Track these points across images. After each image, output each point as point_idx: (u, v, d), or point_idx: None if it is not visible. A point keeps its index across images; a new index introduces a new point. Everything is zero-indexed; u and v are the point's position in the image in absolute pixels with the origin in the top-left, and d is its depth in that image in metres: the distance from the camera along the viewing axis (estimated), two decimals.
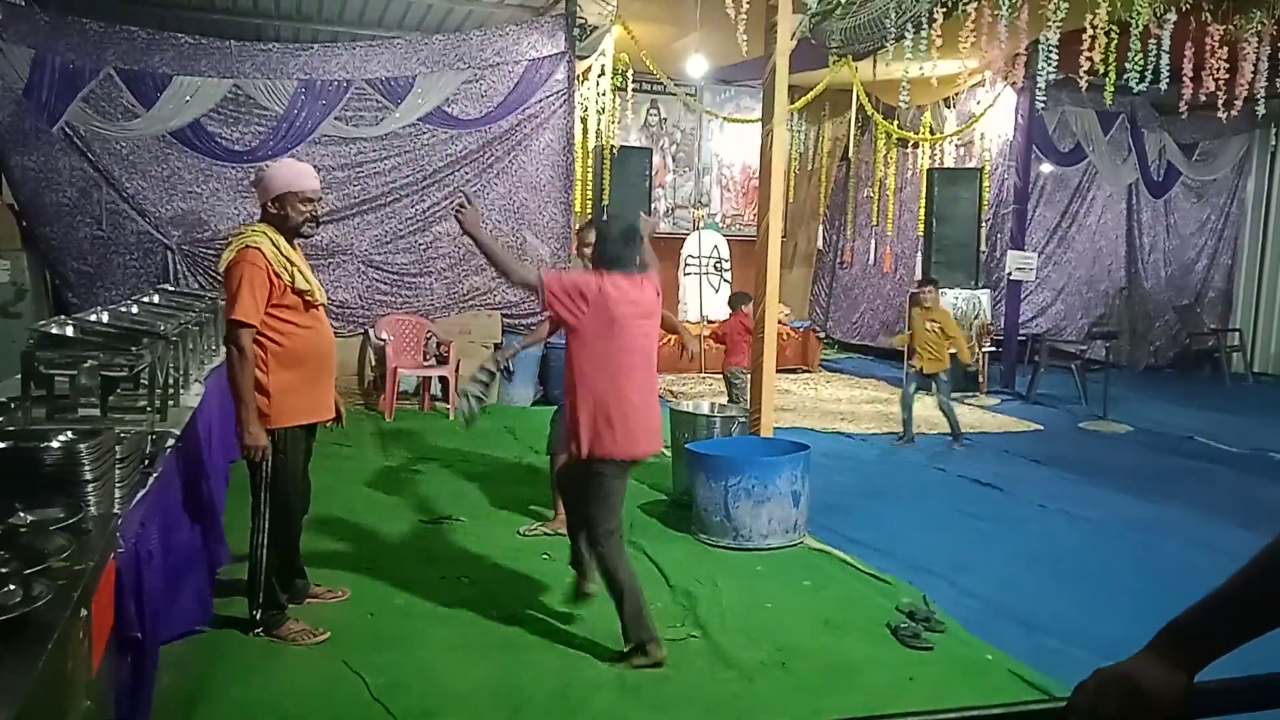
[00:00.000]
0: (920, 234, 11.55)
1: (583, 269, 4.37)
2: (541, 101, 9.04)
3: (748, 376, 6.46)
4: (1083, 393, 9.78)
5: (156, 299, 5.57)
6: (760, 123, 5.94)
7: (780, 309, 10.28)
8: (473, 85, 8.88)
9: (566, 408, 3.76)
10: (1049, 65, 7.46)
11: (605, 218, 8.25)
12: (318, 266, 7.35)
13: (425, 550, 4.85)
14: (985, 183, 11.20)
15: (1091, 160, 12.31)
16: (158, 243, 8.30)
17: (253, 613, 3.70)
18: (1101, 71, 7.45)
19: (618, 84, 9.86)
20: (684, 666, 3.63)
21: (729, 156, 13.40)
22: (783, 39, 5.70)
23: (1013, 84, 10.07)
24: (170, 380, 3.92)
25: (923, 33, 7.77)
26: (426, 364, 8.68)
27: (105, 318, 4.28)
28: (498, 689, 3.39)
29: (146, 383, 3.63)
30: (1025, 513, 5.99)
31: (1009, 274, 10.70)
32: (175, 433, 3.47)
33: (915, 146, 12.46)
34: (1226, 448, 8.00)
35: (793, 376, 11.12)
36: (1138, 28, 7.21)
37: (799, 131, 13.31)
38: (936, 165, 11.91)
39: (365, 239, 8.80)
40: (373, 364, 8.73)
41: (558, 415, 4.79)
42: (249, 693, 3.29)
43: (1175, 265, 13.08)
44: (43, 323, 3.83)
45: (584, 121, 9.82)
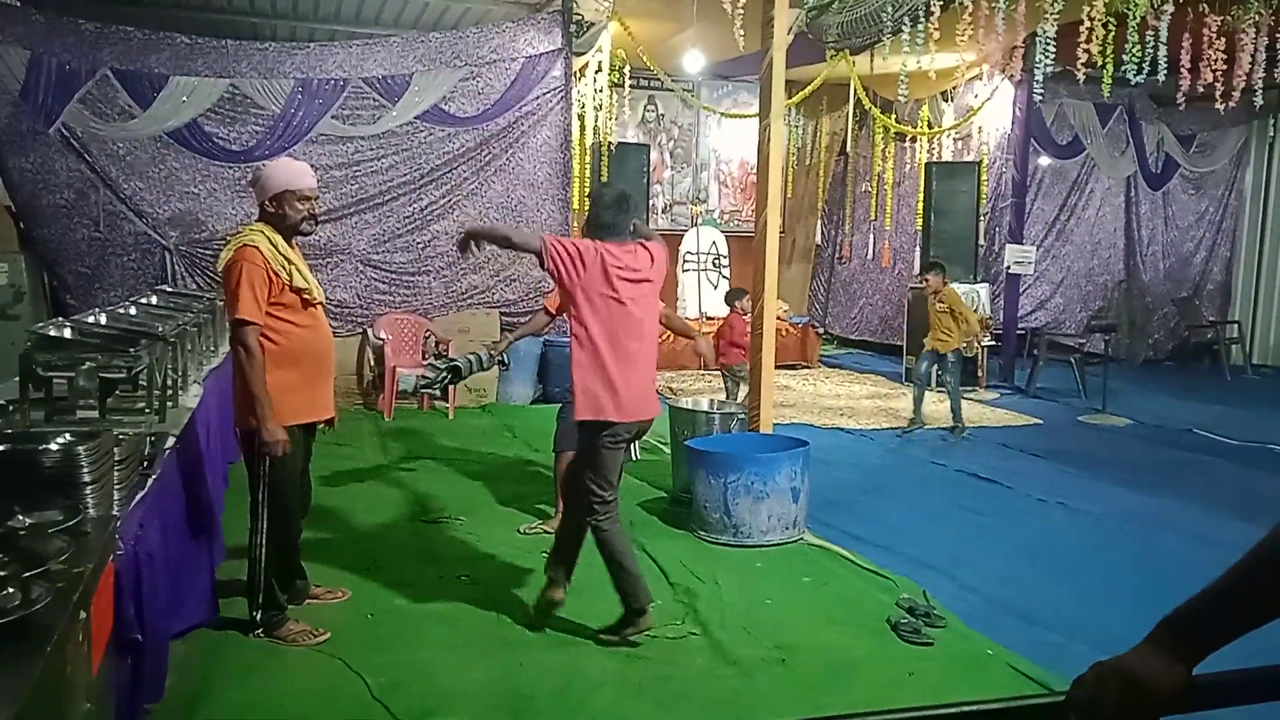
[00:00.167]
0: (919, 228, 11.55)
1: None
2: (538, 98, 9.03)
3: (745, 373, 6.46)
4: (1082, 386, 9.78)
5: (154, 300, 5.57)
6: (757, 118, 5.93)
7: (779, 305, 10.27)
8: (469, 83, 8.88)
9: (571, 377, 3.78)
10: (1047, 58, 7.46)
11: (601, 184, 8.22)
12: (316, 266, 7.35)
13: (425, 550, 4.85)
14: (983, 176, 11.20)
15: (1090, 153, 12.29)
16: (155, 243, 8.30)
17: (253, 614, 3.70)
18: (1099, 64, 7.46)
19: (615, 80, 9.86)
20: (684, 664, 3.63)
21: (727, 152, 13.38)
22: (779, 33, 5.69)
23: (1010, 77, 10.06)
24: (169, 382, 3.92)
25: (920, 26, 7.77)
26: (425, 363, 8.66)
27: (103, 319, 4.27)
28: (498, 688, 3.39)
29: (145, 384, 3.63)
30: (1025, 507, 5.99)
31: (1007, 268, 10.69)
32: (174, 434, 3.47)
33: (913, 141, 12.44)
34: (1226, 440, 8.00)
35: (792, 372, 11.11)
36: (1135, 19, 7.21)
37: (797, 126, 13.30)
38: (934, 159, 11.90)
39: (363, 238, 8.79)
40: (371, 363, 8.73)
41: (564, 411, 4.79)
42: (249, 693, 3.30)
43: (1174, 257, 13.06)
44: (41, 325, 3.84)
45: (581, 118, 9.82)
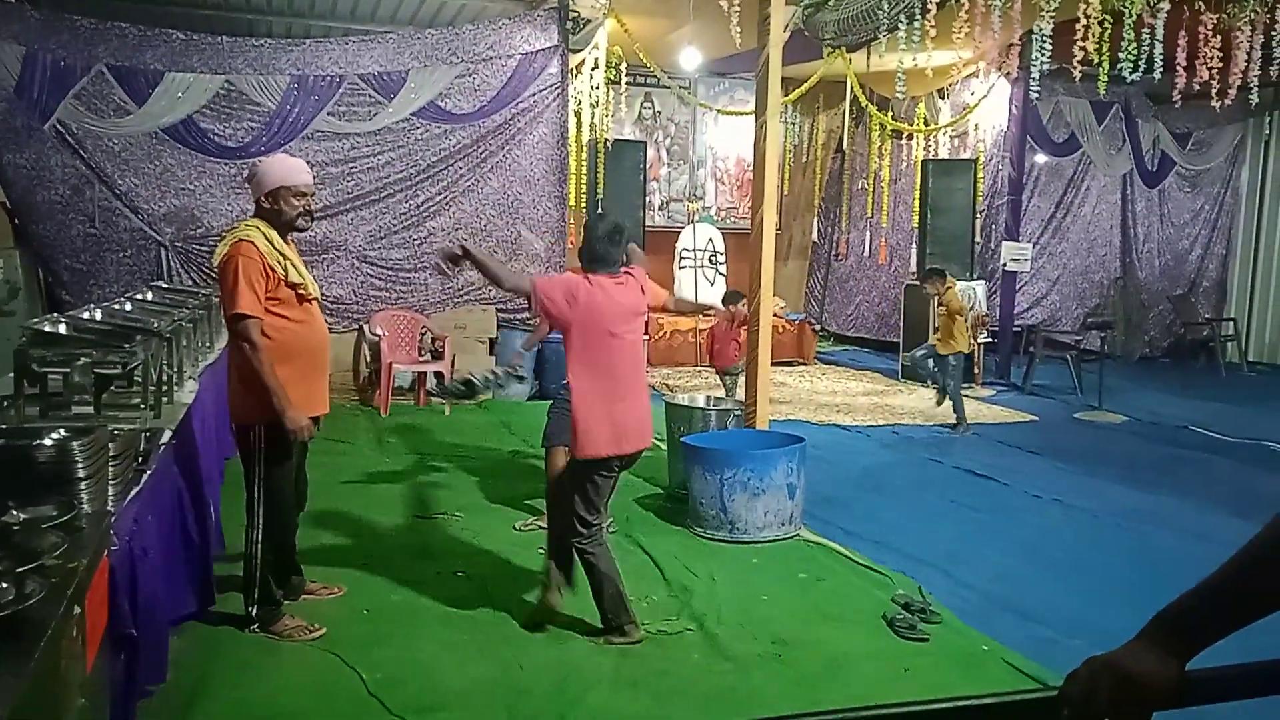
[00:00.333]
0: (915, 226, 11.54)
1: (572, 271, 4.39)
2: (535, 95, 9.02)
3: (742, 374, 6.46)
4: (1078, 383, 9.79)
5: (150, 296, 5.55)
6: (754, 115, 5.93)
7: (775, 302, 10.27)
8: (466, 79, 8.87)
9: (574, 411, 3.75)
10: (1043, 55, 7.45)
11: (595, 214, 8.26)
12: (311, 262, 7.36)
13: (421, 546, 4.85)
14: (980, 174, 11.20)
15: (1086, 150, 12.31)
16: (151, 240, 8.29)
17: (248, 609, 3.70)
18: (1095, 61, 7.45)
19: (611, 77, 9.85)
20: (680, 659, 3.64)
21: (723, 149, 13.38)
22: (776, 31, 5.69)
23: (1007, 74, 10.04)
24: (164, 377, 3.91)
25: (916, 24, 7.76)
26: (421, 359, 8.67)
27: (98, 315, 4.26)
28: (495, 683, 3.39)
29: (140, 380, 3.62)
30: (1020, 503, 6.00)
31: (1004, 265, 10.70)
32: (169, 430, 3.46)
33: (910, 138, 12.44)
34: (1221, 437, 8.01)
35: (788, 369, 11.11)
36: (1131, 17, 7.20)
37: (793, 124, 13.30)
38: (931, 157, 11.89)
39: (359, 234, 8.79)
40: (368, 360, 8.72)
41: (555, 407, 4.79)
42: (245, 688, 3.30)
43: (1170, 255, 13.08)
44: (36, 320, 3.82)
45: (578, 115, 9.80)
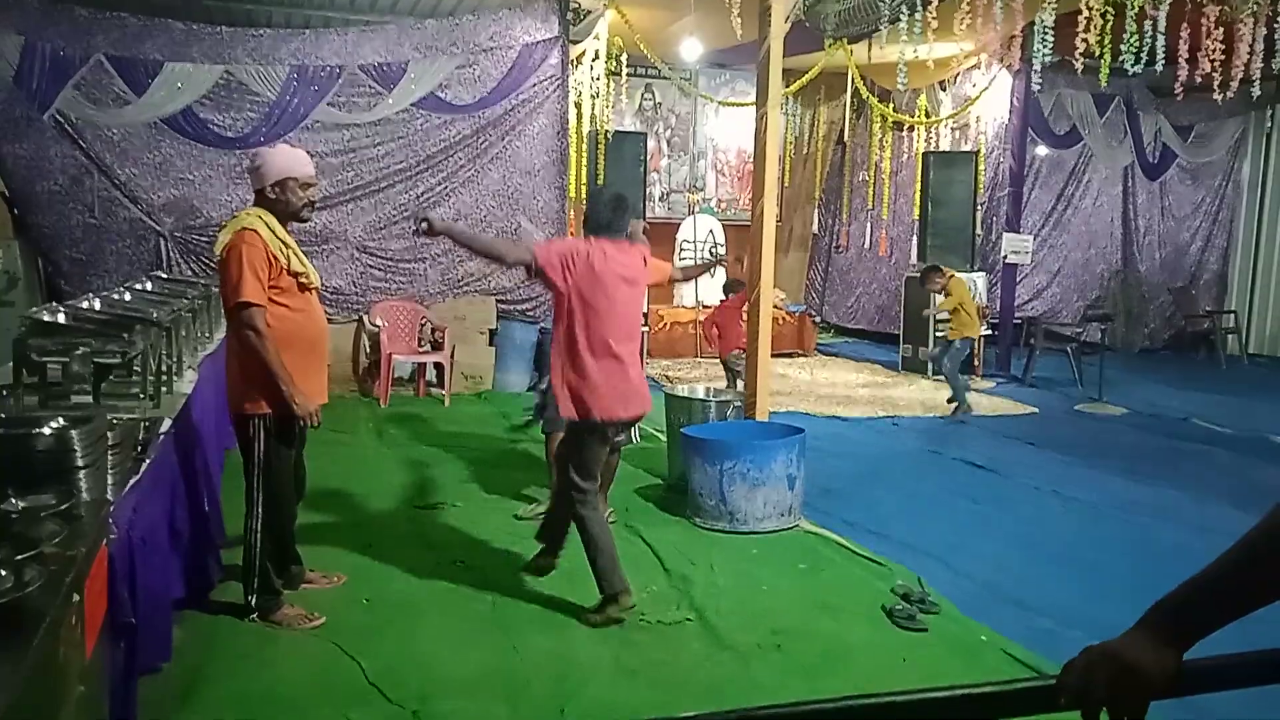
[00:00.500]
0: (916, 218, 11.54)
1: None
2: (535, 86, 9.00)
3: (742, 363, 6.47)
4: (1078, 375, 9.79)
5: (149, 286, 5.56)
6: (755, 106, 5.91)
7: (776, 293, 10.27)
8: (466, 70, 8.84)
9: (552, 371, 3.89)
10: (1045, 47, 7.44)
11: (596, 186, 8.24)
12: (311, 253, 7.33)
13: (421, 535, 4.86)
14: (981, 166, 11.19)
15: (1087, 143, 12.29)
16: (150, 230, 8.27)
17: (248, 598, 3.70)
18: (1097, 53, 7.44)
19: (612, 68, 9.83)
20: (680, 649, 3.64)
21: (724, 141, 13.36)
22: (777, 22, 5.67)
23: (1008, 66, 10.04)
24: (163, 367, 3.91)
25: (917, 15, 7.74)
26: (421, 350, 8.68)
27: (98, 305, 4.26)
28: (495, 673, 3.40)
29: (140, 370, 3.62)
30: (1020, 495, 6.00)
31: (1004, 257, 10.68)
32: (169, 419, 3.47)
33: (911, 130, 12.43)
34: (1222, 429, 8.01)
35: (788, 361, 11.11)
36: (1133, 9, 7.19)
37: (794, 115, 13.28)
38: (932, 149, 11.88)
39: (359, 225, 8.77)
40: (367, 350, 8.72)
41: (545, 388, 4.85)
42: (244, 678, 3.30)
43: (1170, 247, 13.08)
44: (35, 310, 3.82)
45: (578, 106, 9.78)
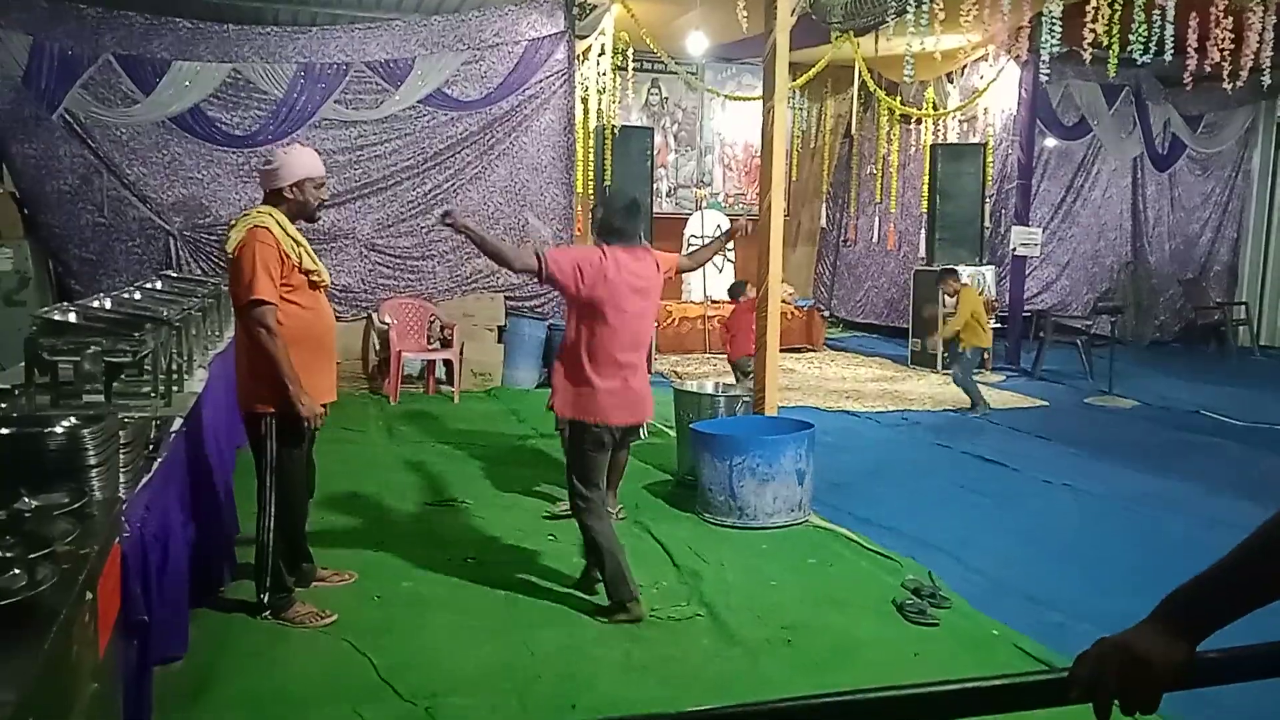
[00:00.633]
0: (924, 211, 11.50)
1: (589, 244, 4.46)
2: (542, 82, 8.99)
3: (752, 367, 6.45)
4: (1088, 368, 9.75)
5: (159, 285, 5.58)
6: (761, 100, 5.90)
7: (784, 288, 10.24)
8: (472, 66, 8.84)
9: (555, 361, 3.95)
10: (1052, 38, 7.39)
11: (609, 191, 8.21)
12: (320, 251, 7.31)
13: (431, 533, 4.87)
14: (989, 158, 11.14)
15: (1096, 134, 12.23)
16: (159, 229, 8.30)
17: (260, 596, 3.72)
18: (1105, 44, 7.39)
19: (618, 63, 9.82)
20: (690, 645, 3.65)
21: (731, 135, 13.32)
22: (783, 15, 5.64)
23: (1016, 58, 9.98)
24: (174, 366, 3.93)
25: (924, 7, 7.70)
26: (430, 347, 8.69)
27: (108, 304, 4.28)
28: (505, 669, 3.41)
29: (150, 369, 3.63)
30: (1030, 489, 5.98)
31: (1013, 250, 10.65)
32: (180, 418, 3.48)
33: (918, 123, 12.38)
34: (1232, 422, 7.98)
35: (797, 355, 11.10)
36: None
37: (801, 109, 13.25)
38: (940, 141, 11.84)
39: (367, 223, 8.79)
40: (377, 348, 8.74)
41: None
42: (257, 675, 3.32)
43: (1180, 239, 13.00)
44: (46, 310, 3.84)
45: (585, 101, 9.78)
